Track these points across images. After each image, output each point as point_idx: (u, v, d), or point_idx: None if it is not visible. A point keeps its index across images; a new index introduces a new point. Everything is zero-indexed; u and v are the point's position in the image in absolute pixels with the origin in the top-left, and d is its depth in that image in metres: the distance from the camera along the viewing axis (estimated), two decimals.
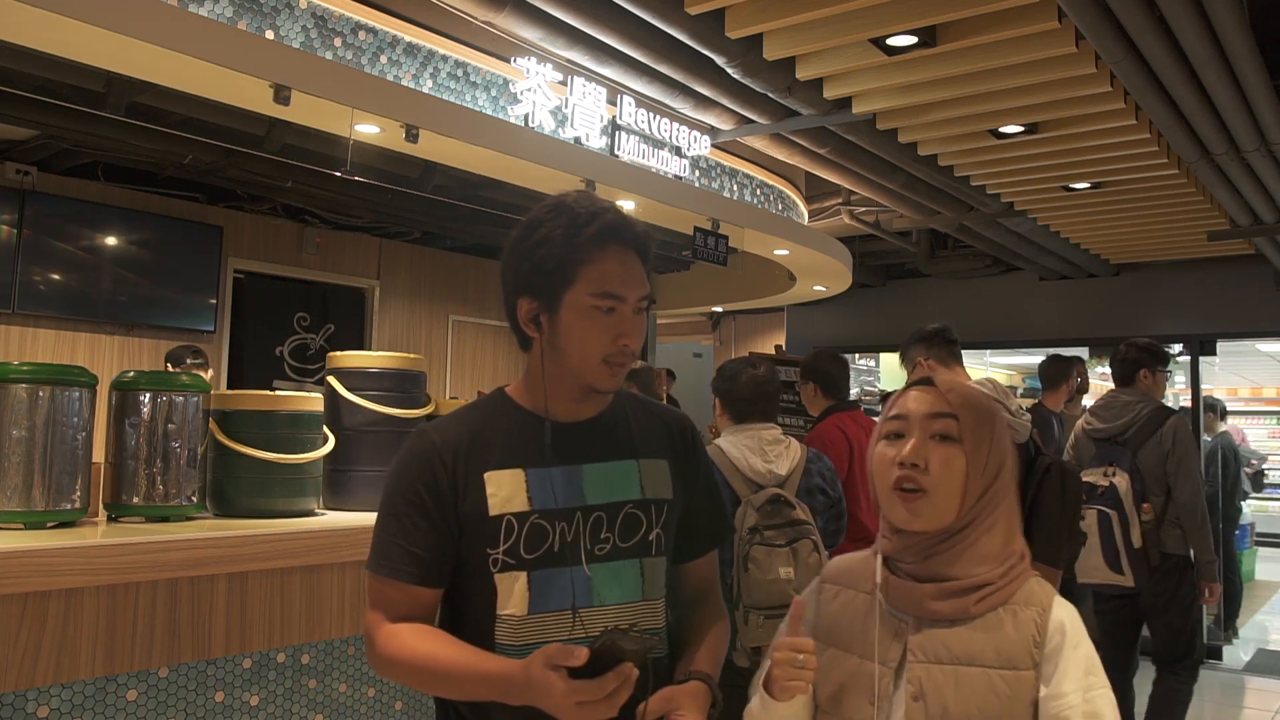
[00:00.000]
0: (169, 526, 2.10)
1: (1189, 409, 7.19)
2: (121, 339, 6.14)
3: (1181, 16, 3.36)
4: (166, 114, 4.58)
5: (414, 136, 4.05)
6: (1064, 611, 1.34)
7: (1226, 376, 13.50)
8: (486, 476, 1.43)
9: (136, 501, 2.18)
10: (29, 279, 5.68)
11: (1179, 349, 7.58)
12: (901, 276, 8.73)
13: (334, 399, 2.58)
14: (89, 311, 5.97)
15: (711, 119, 5.10)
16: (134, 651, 1.81)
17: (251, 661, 2.05)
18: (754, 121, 4.96)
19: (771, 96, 4.48)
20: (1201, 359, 7.42)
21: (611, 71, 4.50)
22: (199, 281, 6.43)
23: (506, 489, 1.42)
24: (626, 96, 5.09)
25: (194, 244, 6.39)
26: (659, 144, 5.34)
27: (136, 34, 3.09)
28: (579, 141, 4.85)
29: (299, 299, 7.21)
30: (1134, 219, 6.16)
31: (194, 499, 2.26)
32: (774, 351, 8.09)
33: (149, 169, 5.73)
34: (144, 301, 6.18)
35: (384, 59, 4.18)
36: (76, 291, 5.89)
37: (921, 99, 4.28)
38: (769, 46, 3.92)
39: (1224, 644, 6.78)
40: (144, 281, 6.18)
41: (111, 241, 6.05)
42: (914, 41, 3.75)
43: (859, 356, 9.00)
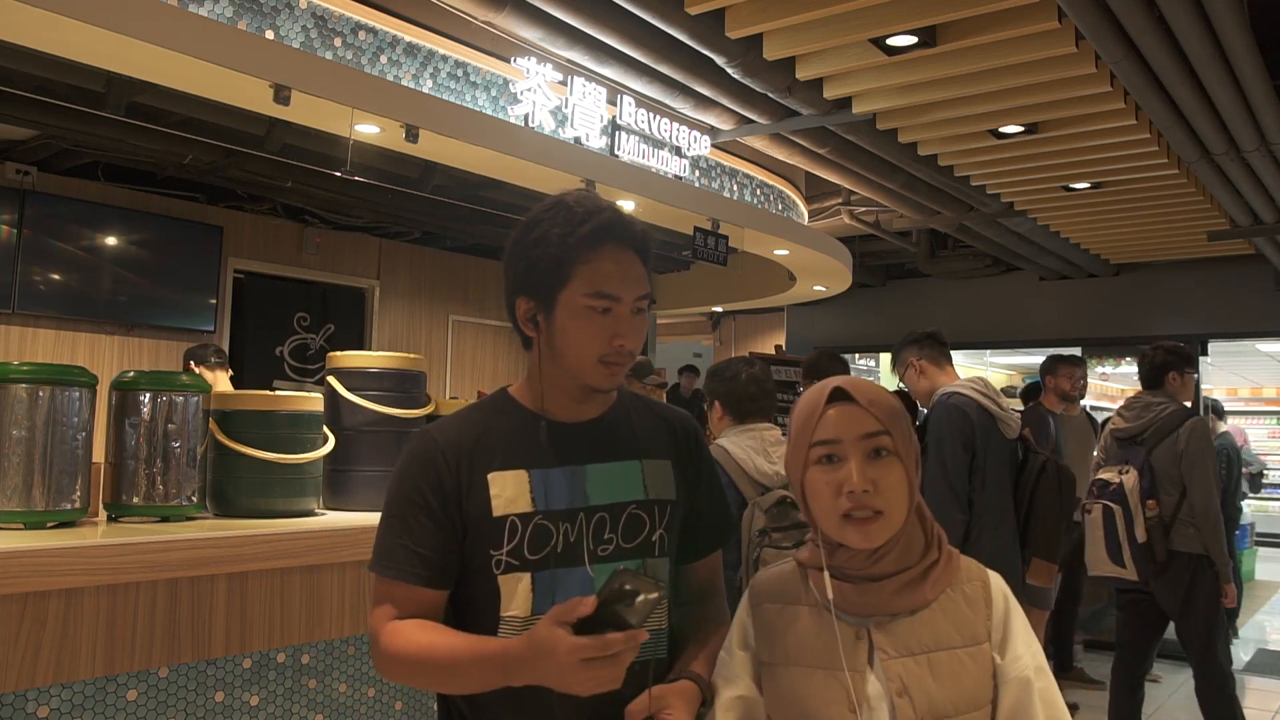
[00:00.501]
0: (169, 526, 2.10)
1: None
2: (121, 339, 6.14)
3: (1181, 16, 3.36)
4: (166, 114, 4.58)
5: (414, 136, 4.05)
6: (998, 579, 1.40)
7: (1226, 376, 13.51)
8: (490, 477, 1.42)
9: (136, 501, 2.18)
10: (29, 279, 5.68)
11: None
12: (901, 276, 8.73)
13: (334, 399, 2.58)
14: (89, 311, 5.97)
15: (711, 119, 5.10)
16: (134, 651, 1.81)
17: (251, 661, 2.04)
18: (754, 121, 4.96)
19: (771, 96, 4.48)
20: (1200, 359, 7.43)
21: (611, 71, 4.50)
22: (199, 281, 6.43)
23: (510, 490, 1.41)
24: (626, 96, 5.09)
25: (194, 244, 6.39)
26: (659, 144, 5.34)
27: (136, 34, 3.09)
28: (579, 141, 4.85)
29: (299, 299, 7.21)
30: (1134, 219, 6.16)
31: (194, 499, 2.25)
32: (774, 351, 8.10)
33: (149, 169, 5.74)
34: (144, 301, 6.18)
35: (384, 59, 4.18)
36: (76, 291, 5.90)
37: (921, 99, 4.28)
38: (769, 46, 3.92)
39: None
40: (144, 281, 6.18)
41: (111, 241, 6.05)
42: (914, 41, 3.75)
43: (859, 356, 8.99)
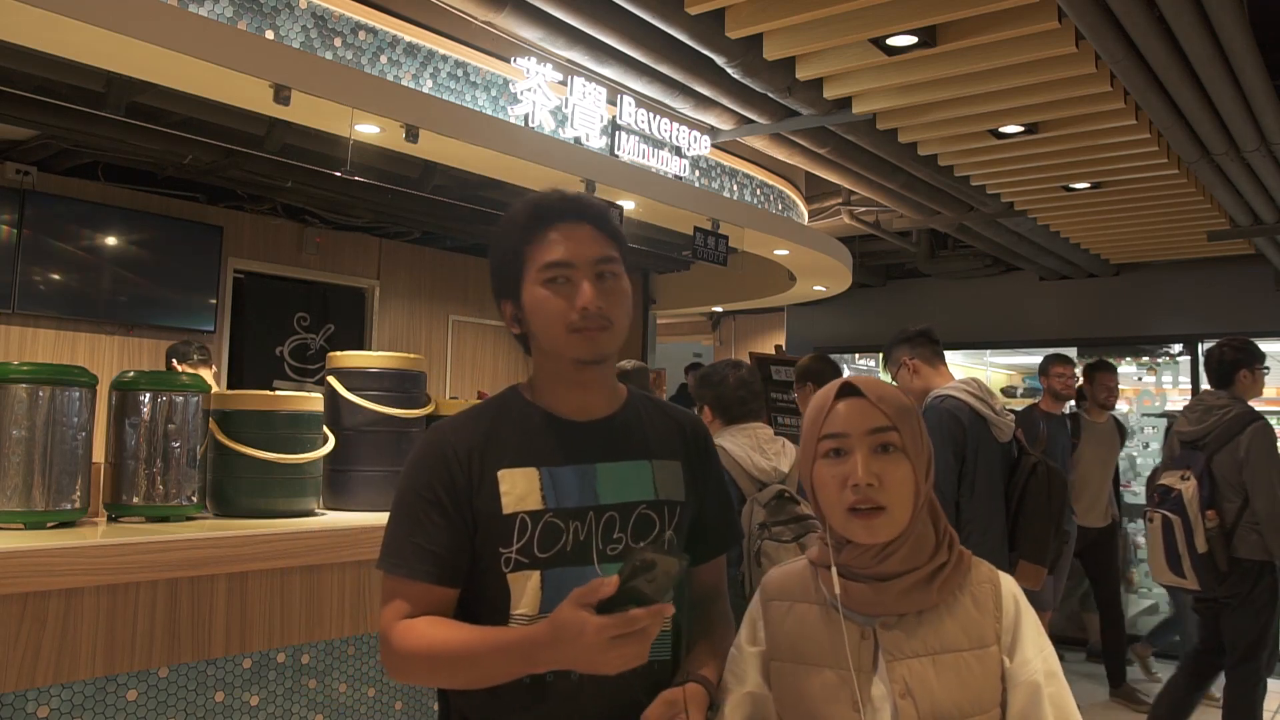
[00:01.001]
0: (169, 526, 2.10)
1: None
2: (121, 339, 6.14)
3: (1181, 16, 3.36)
4: (166, 114, 4.58)
5: (414, 136, 4.05)
6: (1010, 581, 1.39)
7: None
8: (500, 474, 1.42)
9: (136, 501, 2.18)
10: (29, 279, 5.68)
11: (1179, 349, 7.58)
12: (901, 276, 8.73)
13: (334, 399, 2.58)
14: (89, 311, 5.97)
15: (711, 119, 5.10)
16: (134, 651, 1.81)
17: (251, 661, 2.04)
18: (754, 121, 4.96)
19: (771, 96, 4.48)
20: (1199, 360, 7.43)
21: (611, 71, 4.49)
22: (199, 281, 6.43)
23: (520, 487, 1.41)
24: (626, 96, 5.09)
25: (194, 244, 6.39)
26: (659, 144, 5.34)
27: (136, 34, 3.09)
28: (579, 141, 4.85)
29: (299, 299, 7.21)
30: (1134, 219, 6.16)
31: (194, 499, 2.25)
32: (774, 351, 8.10)
33: (149, 169, 5.74)
34: (144, 301, 6.18)
35: (384, 59, 4.18)
36: (76, 291, 5.89)
37: (921, 99, 4.28)
38: (769, 46, 3.92)
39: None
40: (144, 281, 6.18)
41: (111, 241, 6.05)
42: (914, 41, 3.75)
43: (859, 356, 8.99)
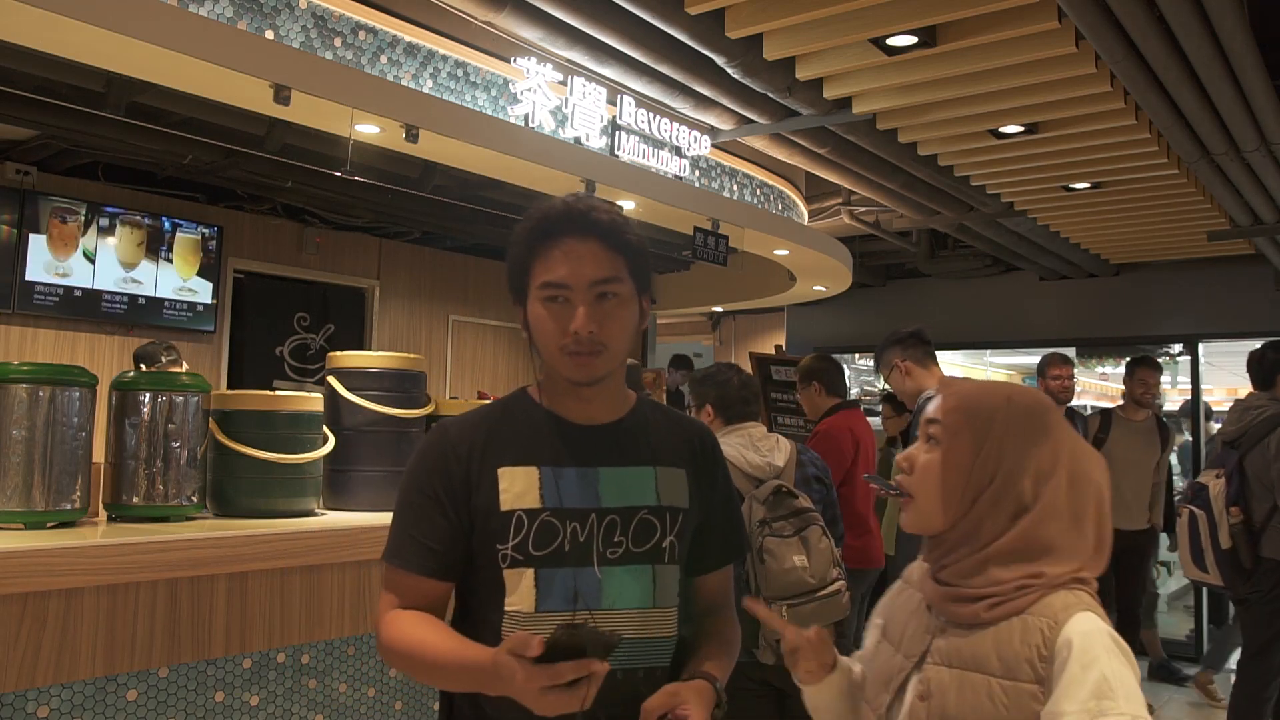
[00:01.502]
0: (169, 526, 2.10)
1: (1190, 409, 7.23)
2: (121, 339, 6.13)
3: (1181, 16, 3.35)
4: (166, 114, 4.57)
5: (414, 136, 4.04)
6: (1078, 628, 1.25)
7: (1227, 376, 13.48)
8: (500, 472, 1.45)
9: (136, 501, 2.18)
10: (29, 279, 5.67)
11: (1179, 349, 7.58)
12: (901, 276, 8.72)
13: (334, 399, 2.58)
14: (89, 311, 5.96)
15: (711, 119, 5.10)
16: (134, 651, 1.81)
17: (251, 661, 2.04)
18: (754, 121, 4.96)
19: (771, 96, 4.48)
20: (1197, 360, 7.42)
21: (611, 71, 4.49)
22: (199, 281, 6.42)
23: (519, 485, 1.44)
24: (626, 96, 5.09)
25: (194, 244, 6.38)
26: (659, 144, 5.34)
27: (136, 34, 3.09)
28: (579, 141, 4.85)
29: (299, 299, 7.21)
30: (1134, 219, 6.16)
31: (194, 499, 2.26)
32: (774, 351, 8.10)
33: (149, 169, 5.73)
34: (144, 301, 6.18)
35: (384, 59, 4.18)
36: (77, 291, 5.88)
37: (921, 99, 4.28)
38: (769, 46, 3.92)
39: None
40: (144, 281, 6.16)
41: (111, 241, 6.04)
42: (914, 41, 3.75)
43: (859, 356, 8.99)
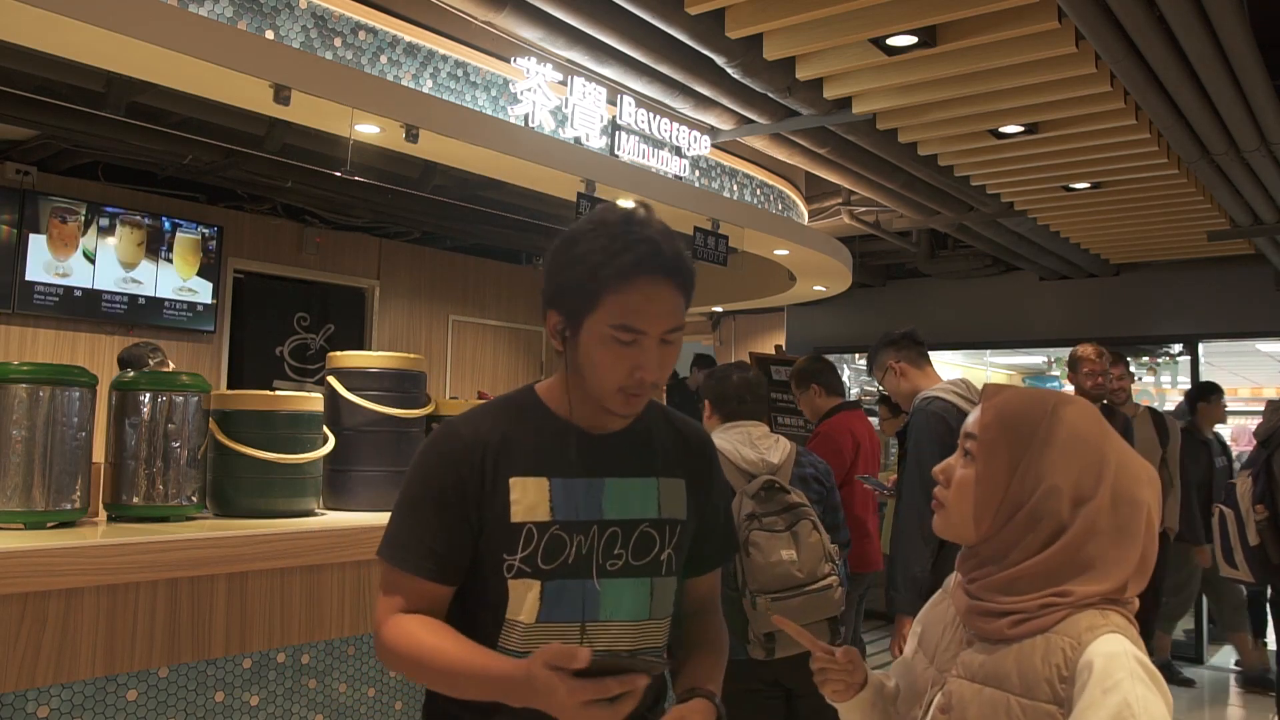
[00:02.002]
0: (169, 526, 2.10)
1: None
2: (121, 339, 6.14)
3: (1181, 16, 3.36)
4: (166, 114, 4.58)
5: (414, 136, 4.05)
6: (1102, 649, 1.22)
7: (1227, 376, 13.49)
8: (512, 482, 1.41)
9: (136, 501, 2.18)
10: (29, 279, 5.67)
11: (1179, 349, 7.58)
12: (901, 276, 8.72)
13: (334, 399, 2.58)
14: (89, 311, 5.97)
15: (711, 119, 5.10)
16: (134, 651, 1.81)
17: (251, 661, 2.04)
18: (754, 121, 4.96)
19: (771, 96, 4.48)
20: (1197, 360, 7.43)
21: (611, 71, 4.49)
22: (199, 281, 6.42)
23: (531, 496, 1.41)
24: (626, 96, 5.09)
25: (194, 244, 6.39)
26: (659, 144, 5.34)
27: (136, 34, 3.09)
28: (579, 141, 4.85)
29: (299, 299, 7.21)
30: (1134, 219, 6.16)
31: (194, 499, 2.25)
32: (774, 351, 8.09)
33: (149, 169, 5.74)
34: (144, 301, 6.18)
35: (384, 59, 4.18)
36: (77, 291, 5.88)
37: (921, 99, 4.28)
38: (769, 46, 3.92)
39: (1222, 646, 6.79)
40: (144, 281, 6.17)
41: (111, 241, 6.04)
42: (914, 41, 3.75)
43: (858, 357, 8.99)
